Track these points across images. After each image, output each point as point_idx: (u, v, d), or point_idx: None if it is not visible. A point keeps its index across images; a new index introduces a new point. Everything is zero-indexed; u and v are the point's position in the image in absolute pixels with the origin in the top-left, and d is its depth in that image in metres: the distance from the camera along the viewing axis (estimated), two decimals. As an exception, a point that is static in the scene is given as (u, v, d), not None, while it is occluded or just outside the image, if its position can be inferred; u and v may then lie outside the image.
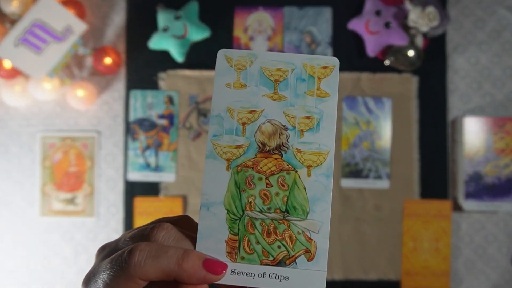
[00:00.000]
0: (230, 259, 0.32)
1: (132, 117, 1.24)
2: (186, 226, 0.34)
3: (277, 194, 0.33)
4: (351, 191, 1.22)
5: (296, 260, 0.32)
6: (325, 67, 0.35)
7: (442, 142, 1.23)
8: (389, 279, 1.21)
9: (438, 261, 1.21)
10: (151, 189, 1.23)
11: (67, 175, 1.24)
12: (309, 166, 0.33)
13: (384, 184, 1.21)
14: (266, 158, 0.34)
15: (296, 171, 0.33)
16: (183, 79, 1.24)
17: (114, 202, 1.24)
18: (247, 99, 0.35)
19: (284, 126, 0.34)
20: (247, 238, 0.33)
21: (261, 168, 0.34)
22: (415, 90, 1.23)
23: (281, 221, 0.33)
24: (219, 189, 0.33)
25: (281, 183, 0.33)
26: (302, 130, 0.34)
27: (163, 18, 1.20)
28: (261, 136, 0.34)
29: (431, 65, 1.23)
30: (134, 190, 1.23)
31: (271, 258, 0.33)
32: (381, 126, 1.22)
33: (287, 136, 0.34)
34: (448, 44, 1.24)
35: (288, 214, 0.33)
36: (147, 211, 1.22)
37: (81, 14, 1.22)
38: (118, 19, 1.27)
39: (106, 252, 0.33)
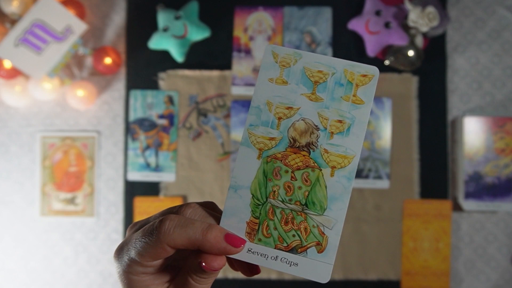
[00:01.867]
0: (249, 239, 0.36)
1: (132, 117, 1.24)
2: (210, 210, 0.37)
3: (299, 188, 0.36)
4: (351, 191, 1.22)
5: (307, 250, 0.35)
6: (364, 75, 0.37)
7: (442, 142, 1.23)
8: (389, 279, 1.21)
9: (438, 261, 1.21)
10: (151, 189, 1.23)
11: (67, 175, 1.24)
12: (333, 167, 0.36)
13: (384, 184, 1.21)
14: (295, 153, 0.36)
15: (321, 170, 0.36)
16: (183, 79, 1.24)
17: (114, 202, 1.24)
18: (286, 95, 0.37)
19: (316, 126, 0.36)
20: (266, 223, 0.36)
21: (289, 162, 0.36)
22: (415, 90, 1.23)
23: (299, 213, 0.36)
24: (248, 175, 0.36)
25: (305, 179, 0.36)
26: (332, 132, 0.36)
27: (163, 18, 1.20)
28: (293, 132, 0.36)
29: (431, 65, 1.23)
30: (134, 190, 1.23)
31: (285, 245, 0.36)
32: (381, 126, 1.22)
33: (317, 135, 0.36)
34: (448, 44, 1.24)
35: (306, 208, 0.36)
36: (147, 211, 1.22)
37: (81, 14, 1.22)
38: (118, 19, 1.27)
39: (138, 226, 0.37)
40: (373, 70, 0.37)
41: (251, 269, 0.37)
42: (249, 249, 0.35)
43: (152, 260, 0.34)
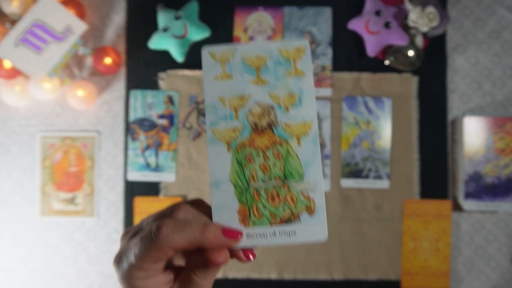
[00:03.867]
0: (244, 226, 0.38)
1: (132, 117, 1.24)
2: (200, 207, 0.39)
3: (274, 164, 0.39)
4: (351, 191, 1.22)
5: (300, 216, 0.38)
6: (298, 50, 0.40)
7: (442, 142, 1.23)
8: (389, 279, 1.21)
9: (438, 261, 1.21)
10: (151, 189, 1.23)
11: (67, 175, 1.24)
12: (298, 137, 0.39)
13: (384, 184, 1.21)
14: (260, 135, 0.39)
15: (288, 142, 0.39)
16: (183, 79, 1.24)
17: (114, 202, 1.24)
18: (235, 87, 0.39)
19: (271, 105, 0.39)
20: (255, 205, 0.38)
21: (257, 144, 0.39)
22: (415, 90, 1.23)
23: (281, 187, 0.38)
24: (224, 169, 0.39)
25: (276, 155, 0.39)
26: (287, 107, 0.39)
27: (163, 18, 1.20)
28: (252, 118, 0.39)
29: (431, 65, 1.23)
30: (134, 190, 1.23)
31: (278, 219, 0.38)
32: (381, 126, 1.22)
33: (275, 114, 0.39)
34: (448, 44, 1.24)
35: (286, 180, 0.38)
36: (147, 211, 1.22)
37: (81, 14, 1.22)
38: (118, 19, 1.27)
39: (131, 233, 0.38)
40: (304, 43, 0.40)
41: (246, 253, 0.38)
42: (248, 234, 0.37)
43: (153, 263, 0.35)
